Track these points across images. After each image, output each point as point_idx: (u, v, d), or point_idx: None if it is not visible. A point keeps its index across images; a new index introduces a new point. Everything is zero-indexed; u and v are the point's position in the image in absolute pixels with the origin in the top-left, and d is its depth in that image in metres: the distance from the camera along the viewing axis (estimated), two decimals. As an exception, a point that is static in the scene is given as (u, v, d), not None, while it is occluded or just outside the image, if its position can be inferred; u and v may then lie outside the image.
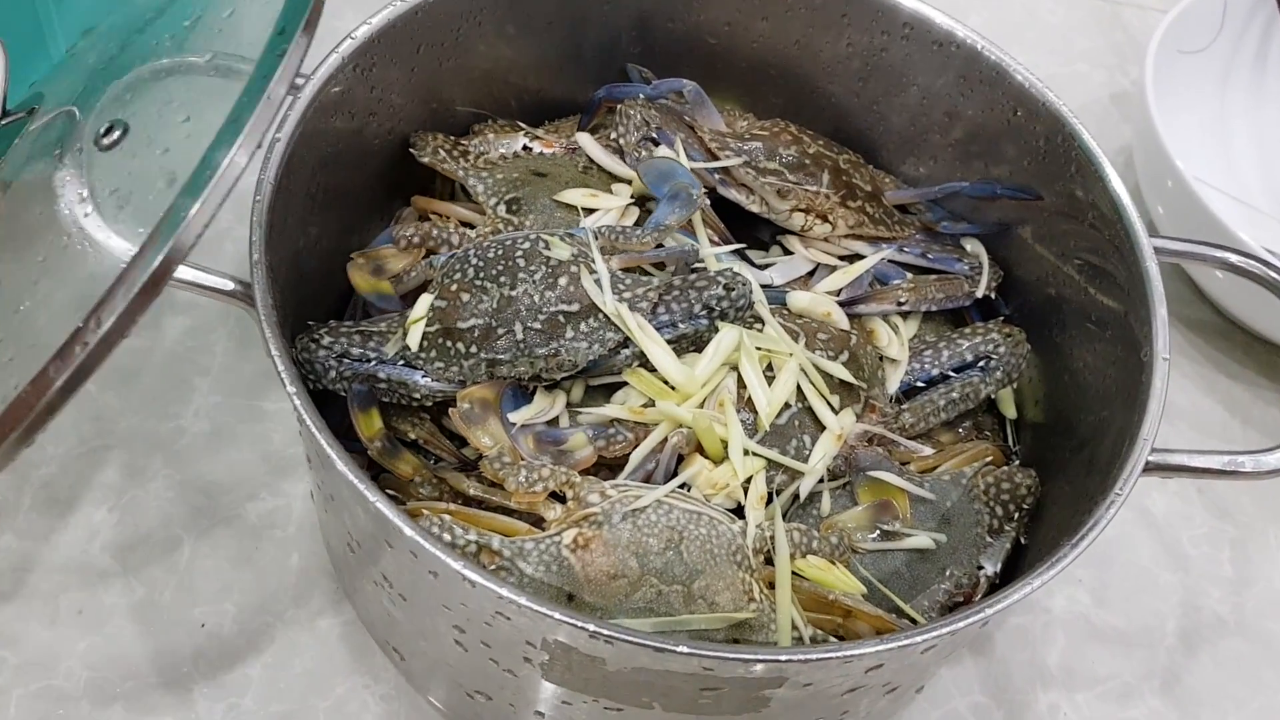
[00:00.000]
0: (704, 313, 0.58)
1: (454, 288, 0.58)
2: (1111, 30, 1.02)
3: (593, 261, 0.58)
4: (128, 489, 0.68)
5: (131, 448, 0.69)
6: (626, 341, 0.57)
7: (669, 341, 0.58)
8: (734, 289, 0.58)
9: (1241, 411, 0.81)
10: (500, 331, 0.57)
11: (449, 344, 0.57)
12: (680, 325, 0.58)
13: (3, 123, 0.55)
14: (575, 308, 0.57)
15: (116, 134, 0.50)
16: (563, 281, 0.57)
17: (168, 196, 0.44)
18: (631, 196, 0.65)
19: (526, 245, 0.59)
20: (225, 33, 0.54)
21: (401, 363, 0.59)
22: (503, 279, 0.58)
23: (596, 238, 0.60)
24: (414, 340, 0.58)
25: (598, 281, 0.58)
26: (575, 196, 0.64)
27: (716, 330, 0.59)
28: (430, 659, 0.58)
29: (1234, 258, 0.61)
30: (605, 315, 0.57)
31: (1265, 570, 0.74)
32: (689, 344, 0.59)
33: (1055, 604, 0.71)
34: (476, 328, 0.57)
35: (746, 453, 0.57)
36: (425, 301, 0.59)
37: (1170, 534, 0.75)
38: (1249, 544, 0.75)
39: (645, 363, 0.58)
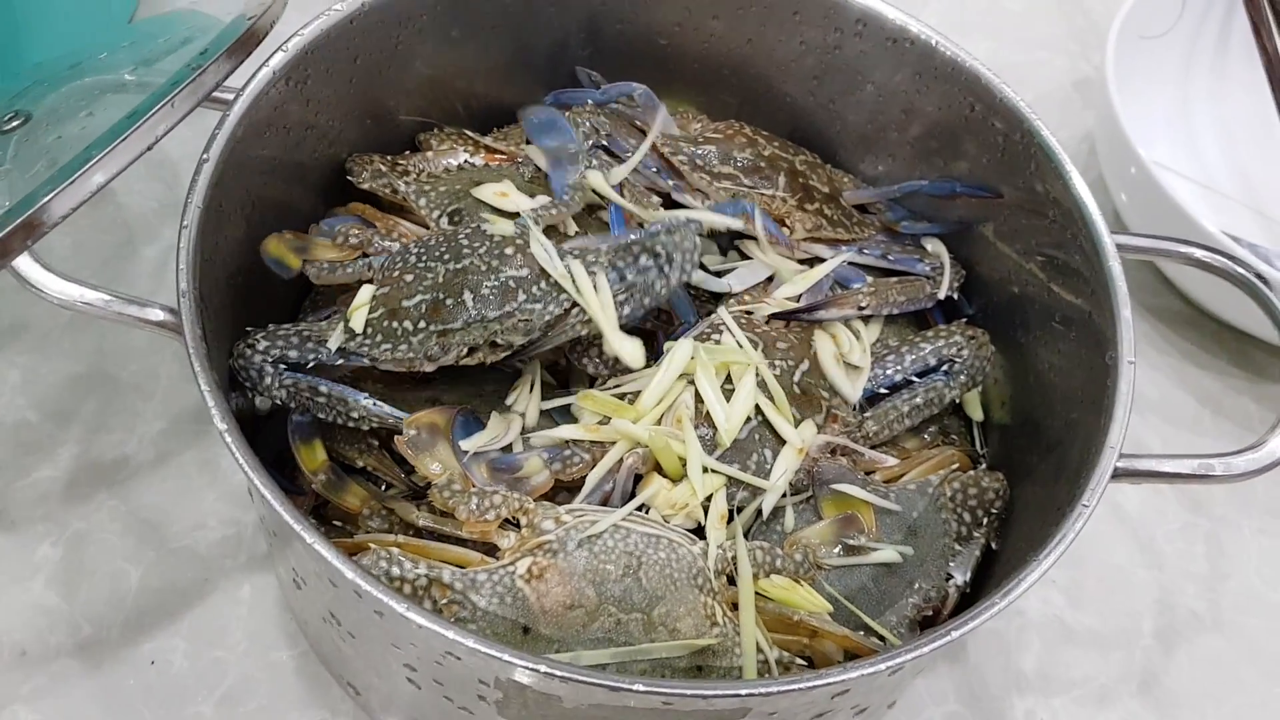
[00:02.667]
0: (651, 261, 0.56)
1: (396, 273, 0.57)
2: (1073, 16, 1.01)
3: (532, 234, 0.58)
4: (71, 522, 0.66)
5: (74, 478, 0.67)
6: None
7: (618, 293, 0.56)
8: (675, 230, 0.56)
9: (1213, 402, 0.80)
10: (449, 303, 0.55)
11: (394, 324, 0.55)
12: (629, 276, 0.56)
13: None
14: (525, 273, 0.56)
15: (17, 122, 0.52)
16: (509, 251, 0.56)
17: (42, 177, 0.46)
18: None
19: (469, 229, 0.58)
20: (164, 59, 0.54)
21: (341, 361, 0.57)
22: (447, 257, 0.57)
23: (537, 221, 0.59)
24: (358, 323, 0.56)
25: (543, 248, 0.57)
26: (486, 193, 0.62)
27: (665, 274, 0.56)
28: (385, 694, 0.56)
29: (1199, 253, 0.60)
30: (556, 281, 0.56)
31: (1240, 564, 0.73)
32: (640, 298, 0.56)
33: (1029, 607, 0.70)
34: (424, 303, 0.55)
35: (705, 470, 0.55)
36: (367, 291, 0.57)
37: (1144, 531, 0.74)
38: (1223, 538, 0.74)
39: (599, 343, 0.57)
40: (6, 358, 0.71)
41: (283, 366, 0.56)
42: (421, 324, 0.55)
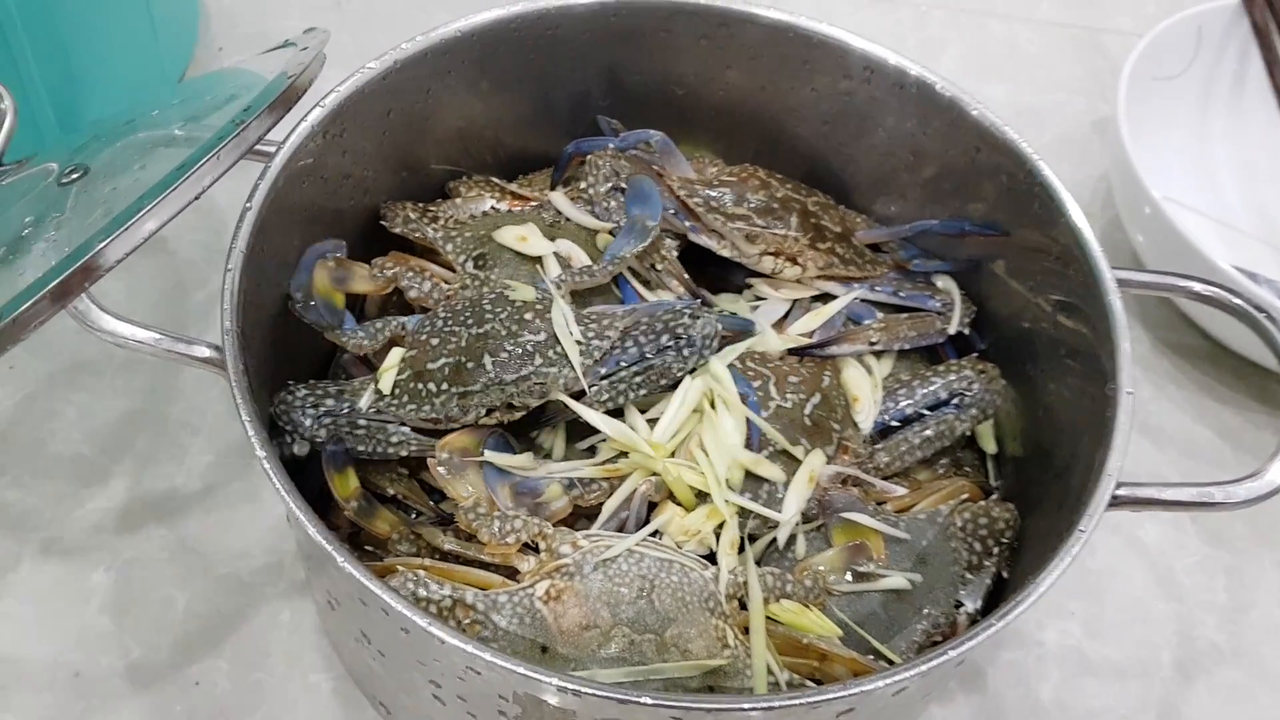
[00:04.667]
0: (671, 342, 0.59)
1: (423, 337, 0.60)
2: (1091, 57, 1.03)
3: (555, 303, 0.60)
4: (122, 550, 0.69)
5: (126, 509, 0.71)
6: (601, 359, 0.59)
7: (637, 371, 0.59)
8: (699, 317, 0.60)
9: (1233, 437, 0.80)
10: (470, 366, 0.58)
11: (419, 386, 0.59)
12: (649, 357, 0.59)
13: (-4, 169, 0.59)
14: (542, 336, 0.59)
15: (76, 175, 0.55)
16: (528, 316, 0.60)
17: (98, 225, 0.48)
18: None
19: (492, 295, 0.61)
20: (211, 115, 0.57)
21: (374, 411, 0.60)
22: (470, 321, 0.60)
23: (559, 286, 0.62)
24: (386, 385, 0.59)
25: (564, 317, 0.59)
26: (508, 236, 0.65)
27: (684, 357, 0.59)
28: (413, 713, 0.58)
29: (1197, 285, 0.61)
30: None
31: (1260, 597, 0.73)
32: (657, 379, 0.59)
33: (1047, 637, 0.70)
34: (446, 366, 0.58)
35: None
36: (397, 353, 0.61)
37: (1163, 563, 0.74)
38: (1244, 571, 0.74)
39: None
40: (63, 395, 0.76)
41: (321, 410, 0.59)
42: (444, 386, 0.58)
